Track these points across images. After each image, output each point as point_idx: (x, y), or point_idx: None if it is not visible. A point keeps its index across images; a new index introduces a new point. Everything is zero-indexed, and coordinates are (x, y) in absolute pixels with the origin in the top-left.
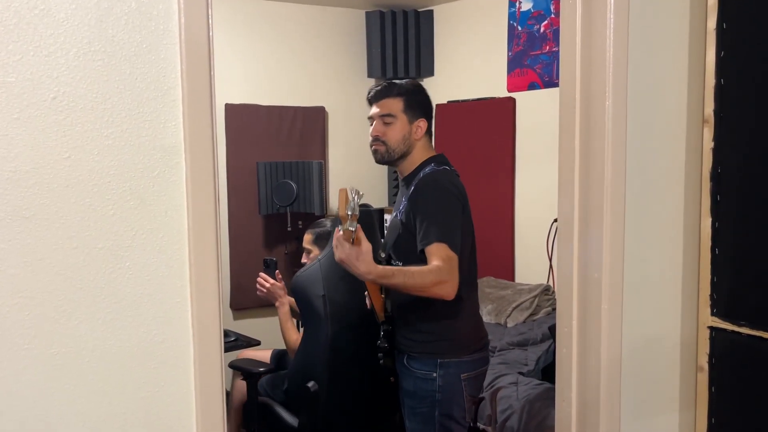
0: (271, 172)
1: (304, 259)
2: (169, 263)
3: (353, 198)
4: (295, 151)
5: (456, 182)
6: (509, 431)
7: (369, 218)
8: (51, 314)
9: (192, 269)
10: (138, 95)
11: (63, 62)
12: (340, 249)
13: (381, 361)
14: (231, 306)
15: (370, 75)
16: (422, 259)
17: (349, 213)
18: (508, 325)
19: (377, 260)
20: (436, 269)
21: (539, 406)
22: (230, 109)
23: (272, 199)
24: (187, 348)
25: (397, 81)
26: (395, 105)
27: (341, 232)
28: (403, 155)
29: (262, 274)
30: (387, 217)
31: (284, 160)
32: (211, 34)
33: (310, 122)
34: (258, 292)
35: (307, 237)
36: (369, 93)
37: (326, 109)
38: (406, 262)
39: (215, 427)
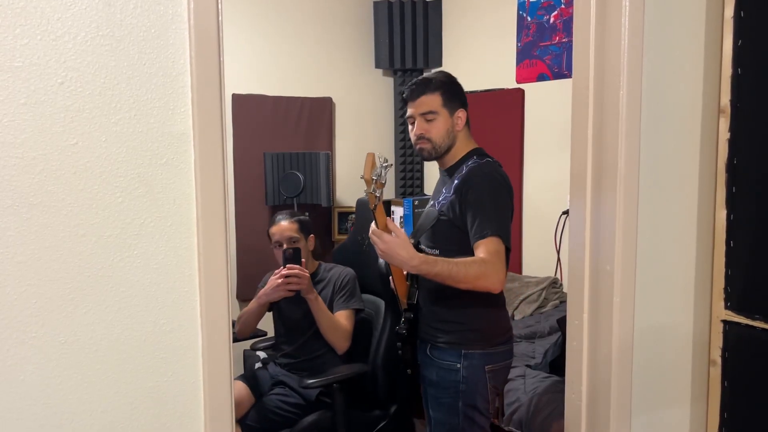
0: (277, 162)
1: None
2: (177, 252)
3: (380, 164)
4: (301, 142)
5: (503, 173)
6: (516, 424)
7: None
8: (59, 302)
9: (201, 258)
10: (146, 81)
11: (70, 47)
12: (381, 240)
13: (399, 351)
14: (237, 297)
15: (377, 65)
16: (461, 249)
17: (374, 178)
18: (516, 318)
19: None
20: (480, 261)
21: (547, 399)
22: (237, 99)
23: (279, 190)
24: (195, 337)
25: (430, 76)
26: (434, 101)
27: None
28: (450, 148)
29: (290, 265)
30: (394, 208)
31: (291, 151)
32: (220, 18)
33: (317, 113)
34: (288, 288)
35: (291, 226)
36: (404, 93)
37: (333, 99)
38: (443, 252)
39: (223, 416)
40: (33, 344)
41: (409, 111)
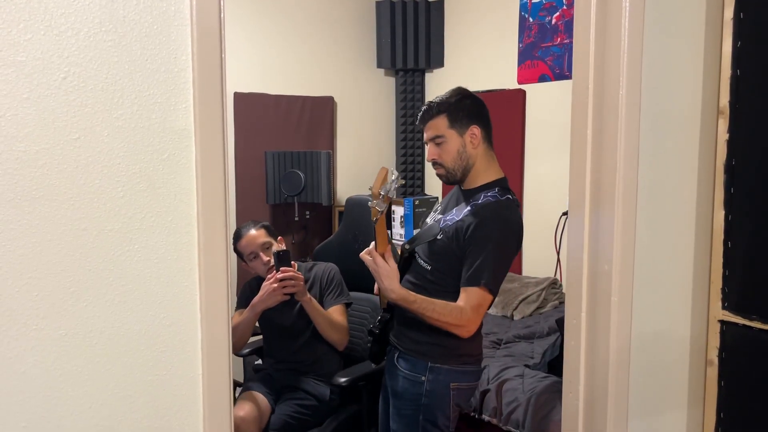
0: (279, 161)
1: (266, 257)
2: (177, 246)
3: (392, 180)
4: (303, 141)
5: (518, 216)
6: (514, 424)
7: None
8: (60, 295)
9: (201, 253)
10: (148, 77)
11: (73, 42)
12: (374, 262)
13: (369, 344)
14: (237, 294)
15: (379, 65)
16: (451, 272)
17: (382, 193)
18: (515, 318)
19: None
20: (459, 311)
21: (545, 399)
22: (239, 97)
23: (280, 188)
24: (194, 332)
25: (437, 99)
26: (441, 124)
27: (373, 209)
28: (467, 170)
29: (284, 268)
30: (394, 208)
31: (292, 150)
32: (222, 15)
33: (319, 112)
34: (284, 292)
35: (260, 233)
36: (416, 120)
37: (335, 99)
38: (434, 270)
39: (222, 411)
40: (33, 337)
41: (424, 137)
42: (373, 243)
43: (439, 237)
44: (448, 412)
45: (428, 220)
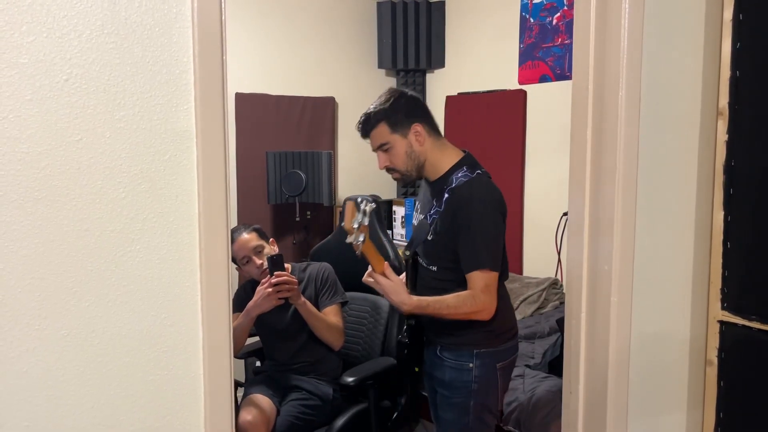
0: (280, 161)
1: (258, 261)
2: (179, 247)
3: (362, 209)
4: (304, 141)
5: (493, 189)
6: (515, 423)
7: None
8: (62, 295)
9: (202, 253)
10: (150, 78)
11: (76, 44)
12: (376, 283)
13: (404, 354)
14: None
15: (380, 66)
16: (457, 265)
17: (356, 226)
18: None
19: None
20: (472, 299)
21: (545, 399)
22: (240, 98)
23: (281, 188)
24: (196, 332)
25: (372, 107)
26: (383, 131)
27: (369, 270)
28: (420, 166)
29: (278, 272)
30: (395, 208)
31: (293, 150)
32: (223, 17)
33: (320, 112)
34: (279, 296)
35: (252, 236)
36: (359, 133)
37: (336, 99)
38: (441, 269)
39: (223, 410)
40: (36, 336)
41: (371, 146)
42: (369, 267)
43: (429, 237)
44: (498, 393)
45: (414, 221)
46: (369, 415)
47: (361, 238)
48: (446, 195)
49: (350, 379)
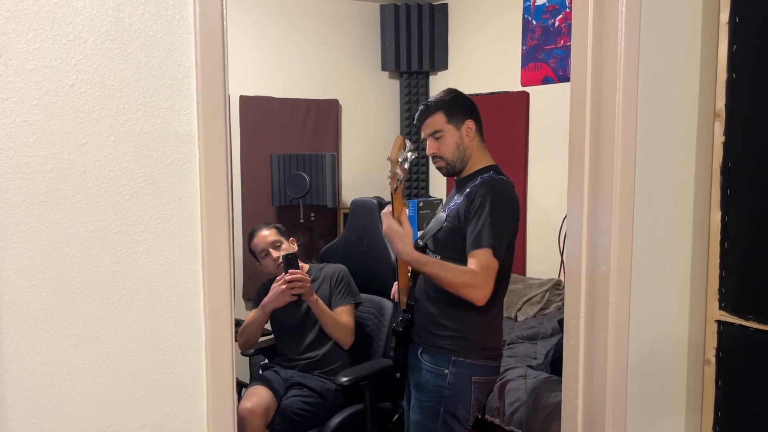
0: (284, 163)
1: (275, 254)
2: (182, 248)
3: (408, 148)
4: (308, 144)
5: (514, 194)
6: (517, 423)
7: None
8: (68, 296)
9: (204, 255)
10: (153, 83)
11: (81, 50)
12: (387, 223)
13: (392, 353)
14: (243, 297)
15: (383, 68)
16: (459, 257)
17: (399, 160)
18: (519, 319)
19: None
20: (471, 272)
21: (547, 399)
22: (244, 101)
23: (285, 190)
24: (198, 331)
25: (431, 99)
26: (439, 120)
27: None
28: (465, 160)
29: (292, 270)
30: None
31: (297, 152)
32: (225, 23)
33: (324, 115)
34: (293, 293)
35: (272, 232)
36: (414, 120)
37: (340, 101)
38: (443, 256)
39: (225, 409)
40: (42, 336)
41: (422, 134)
42: (389, 206)
43: (444, 224)
44: (469, 405)
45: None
46: (365, 417)
47: (401, 176)
48: (467, 189)
49: (344, 379)
